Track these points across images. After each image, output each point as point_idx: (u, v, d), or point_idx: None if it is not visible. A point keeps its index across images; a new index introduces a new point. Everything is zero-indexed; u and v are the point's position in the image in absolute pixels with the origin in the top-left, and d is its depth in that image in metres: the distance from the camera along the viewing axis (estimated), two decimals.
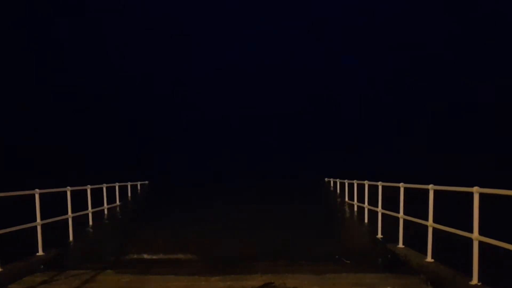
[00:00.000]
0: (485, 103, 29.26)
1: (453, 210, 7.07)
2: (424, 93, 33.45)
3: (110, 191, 13.59)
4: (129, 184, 16.78)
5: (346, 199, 14.64)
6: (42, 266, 7.13)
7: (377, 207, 9.43)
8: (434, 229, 6.50)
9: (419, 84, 33.93)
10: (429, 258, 6.54)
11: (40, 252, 7.51)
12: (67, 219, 8.77)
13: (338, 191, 17.59)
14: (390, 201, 8.84)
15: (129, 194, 16.67)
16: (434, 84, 33.62)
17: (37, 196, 7.51)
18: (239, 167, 26.60)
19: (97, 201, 11.90)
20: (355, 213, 12.61)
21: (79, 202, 10.00)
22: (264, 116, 36.37)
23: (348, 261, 7.63)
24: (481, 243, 5.15)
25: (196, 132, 34.38)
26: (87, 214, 10.54)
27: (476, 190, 5.27)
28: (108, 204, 12.93)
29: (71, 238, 9.00)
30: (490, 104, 29.09)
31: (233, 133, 34.35)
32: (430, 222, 6.56)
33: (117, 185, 14.51)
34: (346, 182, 14.81)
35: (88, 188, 10.84)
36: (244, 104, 37.18)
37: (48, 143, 26.59)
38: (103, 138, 30.29)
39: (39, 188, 7.62)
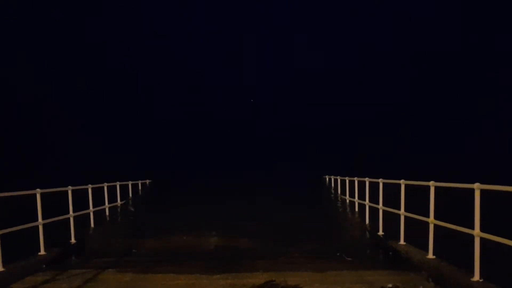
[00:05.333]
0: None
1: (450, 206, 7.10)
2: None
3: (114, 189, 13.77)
4: (129, 183, 16.82)
5: (347, 196, 14.61)
6: (44, 266, 7.15)
7: (378, 204, 9.44)
8: (435, 225, 6.51)
9: (421, 84, 34.02)
10: (430, 255, 6.55)
11: (42, 252, 7.53)
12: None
13: (339, 188, 17.53)
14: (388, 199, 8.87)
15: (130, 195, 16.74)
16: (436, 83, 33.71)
17: (38, 196, 7.54)
18: (239, 167, 26.59)
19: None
20: (356, 211, 12.60)
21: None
22: (265, 116, 36.46)
23: (349, 258, 7.63)
24: (482, 240, 5.16)
25: (195, 132, 34.40)
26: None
27: (477, 187, 5.28)
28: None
29: (72, 239, 9.04)
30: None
31: (233, 132, 34.37)
32: (431, 218, 6.57)
33: (117, 184, 14.56)
34: (347, 179, 14.77)
35: (89, 187, 10.91)
36: (243, 103, 37.23)
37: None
38: (101, 138, 30.32)
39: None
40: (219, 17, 40.76)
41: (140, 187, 19.00)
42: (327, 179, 21.09)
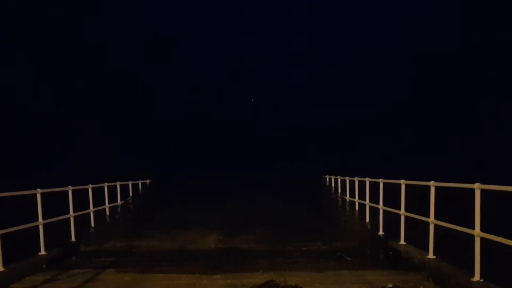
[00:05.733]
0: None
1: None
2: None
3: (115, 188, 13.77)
4: (130, 183, 16.82)
5: (347, 196, 14.61)
6: (44, 266, 7.14)
7: (378, 204, 9.43)
8: (436, 225, 6.51)
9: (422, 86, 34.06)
10: (431, 255, 6.54)
11: (43, 252, 7.52)
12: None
13: (339, 188, 17.52)
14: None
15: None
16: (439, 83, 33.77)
17: (38, 196, 7.53)
18: (239, 167, 26.57)
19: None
20: (356, 210, 12.61)
21: None
22: (264, 116, 36.51)
23: (350, 258, 7.63)
24: (483, 240, 5.16)
25: (195, 132, 34.41)
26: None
27: (477, 187, 5.28)
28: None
29: (73, 238, 9.04)
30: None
31: (233, 132, 34.39)
32: (431, 218, 6.57)
33: (118, 184, 14.57)
34: (347, 179, 14.76)
35: (90, 187, 10.92)
36: (243, 103, 37.26)
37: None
38: (101, 138, 30.33)
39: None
40: (218, 17, 40.80)
41: (140, 187, 18.99)
42: (327, 179, 21.08)
